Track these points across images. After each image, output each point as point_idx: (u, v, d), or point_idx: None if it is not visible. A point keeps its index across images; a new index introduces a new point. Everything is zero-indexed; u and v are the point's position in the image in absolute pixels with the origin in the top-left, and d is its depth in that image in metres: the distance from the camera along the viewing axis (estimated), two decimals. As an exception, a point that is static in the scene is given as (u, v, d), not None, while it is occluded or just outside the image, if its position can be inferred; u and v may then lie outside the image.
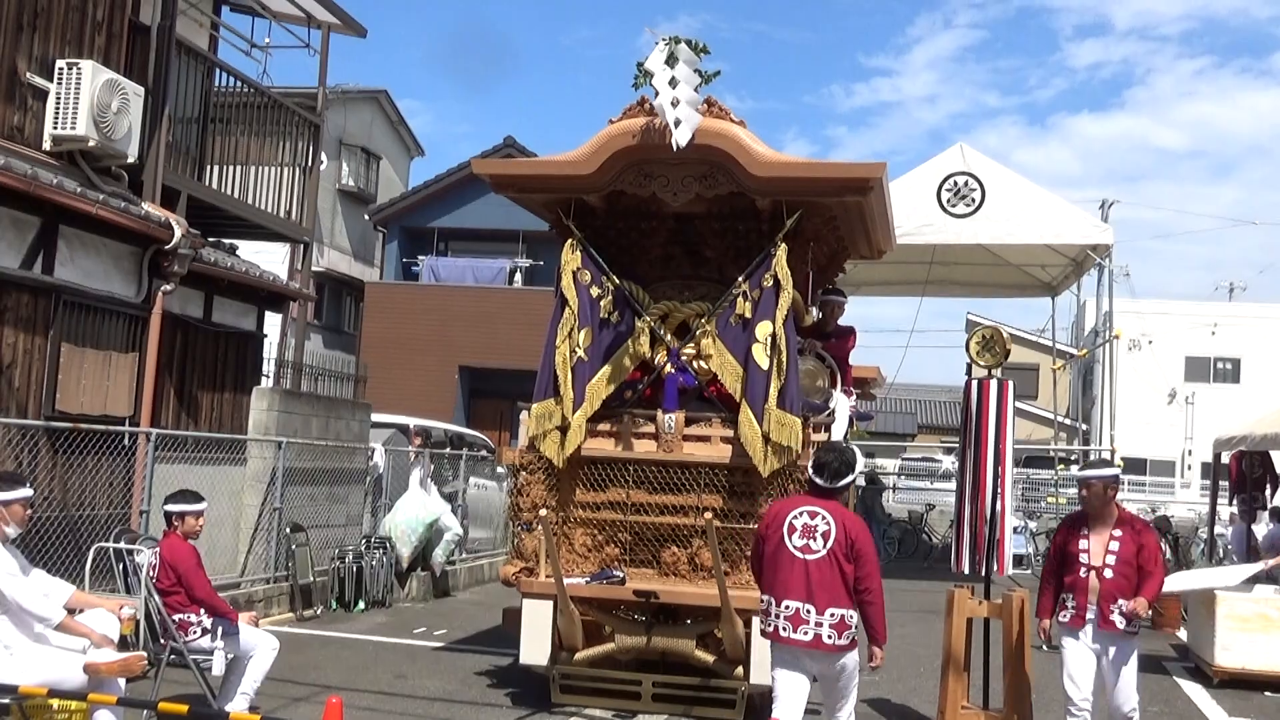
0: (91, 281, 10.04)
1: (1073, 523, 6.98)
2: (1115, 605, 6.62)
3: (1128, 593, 6.62)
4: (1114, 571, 6.65)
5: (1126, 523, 6.84)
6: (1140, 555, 6.71)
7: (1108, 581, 6.64)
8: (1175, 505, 28.62)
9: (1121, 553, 6.68)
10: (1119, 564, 6.66)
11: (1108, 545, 6.71)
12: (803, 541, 5.80)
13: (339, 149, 26.71)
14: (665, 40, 7.57)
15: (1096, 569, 6.68)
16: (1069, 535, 6.90)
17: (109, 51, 10.36)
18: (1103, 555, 6.70)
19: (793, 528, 5.85)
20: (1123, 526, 6.79)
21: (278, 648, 7.21)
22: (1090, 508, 6.86)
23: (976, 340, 7.82)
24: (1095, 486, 6.83)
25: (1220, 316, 39.49)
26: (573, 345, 8.06)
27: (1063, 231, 17.38)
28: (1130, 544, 6.70)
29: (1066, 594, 6.81)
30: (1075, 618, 6.73)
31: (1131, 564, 6.67)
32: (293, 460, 11.85)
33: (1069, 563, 6.81)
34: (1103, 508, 6.83)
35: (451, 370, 25.32)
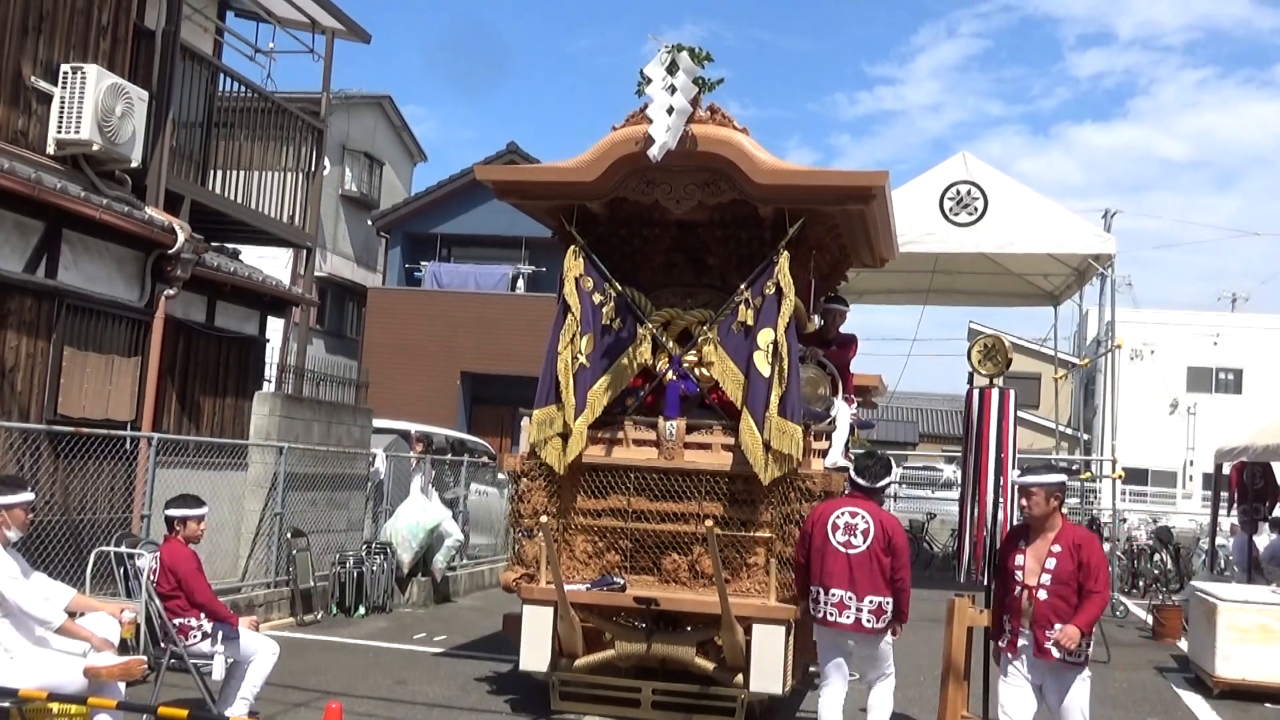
0: (94, 286, 10.05)
1: (1013, 535, 6.40)
2: (1051, 632, 6.00)
3: (1066, 616, 5.99)
4: (1049, 592, 6.02)
5: (1068, 536, 6.15)
6: (1081, 573, 6.03)
7: (1042, 604, 6.02)
8: (1177, 516, 28.57)
9: (1058, 571, 6.02)
10: (1055, 584, 6.02)
11: (1044, 562, 6.07)
12: (845, 538, 6.72)
13: (342, 154, 26.75)
14: (667, 48, 7.58)
15: (1031, 588, 6.07)
16: (1007, 549, 6.33)
17: (113, 56, 10.39)
18: (1038, 573, 6.08)
19: (835, 526, 6.77)
20: (1063, 540, 6.12)
21: (278, 652, 7.22)
22: (1030, 519, 6.25)
23: (978, 349, 7.81)
24: (1036, 495, 6.18)
25: (1223, 327, 39.50)
26: (575, 352, 8.07)
27: (1065, 241, 17.36)
28: (1069, 560, 6.03)
29: (1005, 615, 6.25)
30: (1010, 643, 6.20)
31: (1070, 584, 6.02)
32: (294, 465, 11.86)
33: (1005, 580, 6.24)
34: (1044, 519, 6.20)
35: (453, 376, 25.32)
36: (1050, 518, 6.20)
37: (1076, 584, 6.00)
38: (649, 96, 7.65)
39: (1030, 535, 6.24)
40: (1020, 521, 6.37)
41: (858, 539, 6.68)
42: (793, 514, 7.79)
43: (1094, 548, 6.14)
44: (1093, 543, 6.20)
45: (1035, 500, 6.17)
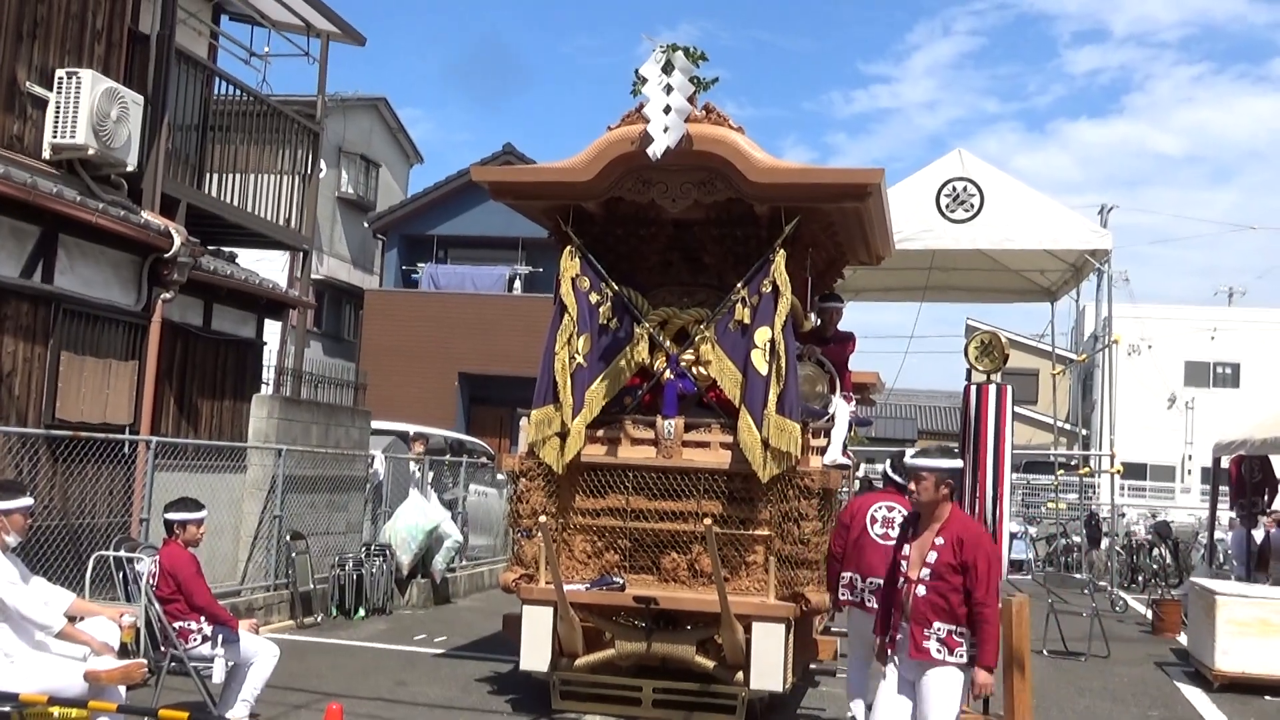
0: (91, 290, 10.05)
1: (905, 523, 5.99)
2: (931, 630, 5.53)
3: (945, 616, 5.53)
4: (927, 588, 5.55)
5: (953, 529, 5.62)
6: (967, 577, 5.52)
7: (920, 600, 5.56)
8: (1175, 510, 28.62)
9: (937, 565, 5.55)
10: (933, 578, 5.55)
11: (925, 555, 5.62)
12: (883, 530, 7.33)
13: (338, 157, 26.76)
14: (662, 48, 7.59)
15: (911, 582, 5.63)
16: (899, 538, 5.95)
17: (108, 60, 10.39)
18: (919, 566, 5.63)
19: (874, 519, 7.44)
20: (947, 533, 5.61)
21: (278, 655, 7.23)
22: (917, 505, 5.76)
23: (975, 345, 7.83)
24: (926, 480, 5.65)
25: (1219, 321, 39.51)
26: (572, 351, 8.07)
27: (1062, 237, 17.36)
28: (949, 554, 5.54)
29: (891, 609, 5.82)
30: (892, 639, 5.77)
31: (949, 580, 5.53)
32: (292, 468, 11.86)
33: (894, 570, 5.82)
34: (933, 507, 5.69)
35: (451, 377, 25.32)
36: (939, 507, 5.67)
37: (958, 583, 5.51)
38: (645, 96, 7.66)
39: (919, 524, 5.76)
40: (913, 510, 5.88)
41: (895, 531, 7.06)
42: (791, 512, 7.80)
43: (981, 546, 5.58)
44: (980, 541, 5.63)
45: (924, 486, 5.63)
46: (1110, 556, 18.43)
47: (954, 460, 5.76)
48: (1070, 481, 22.70)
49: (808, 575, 7.79)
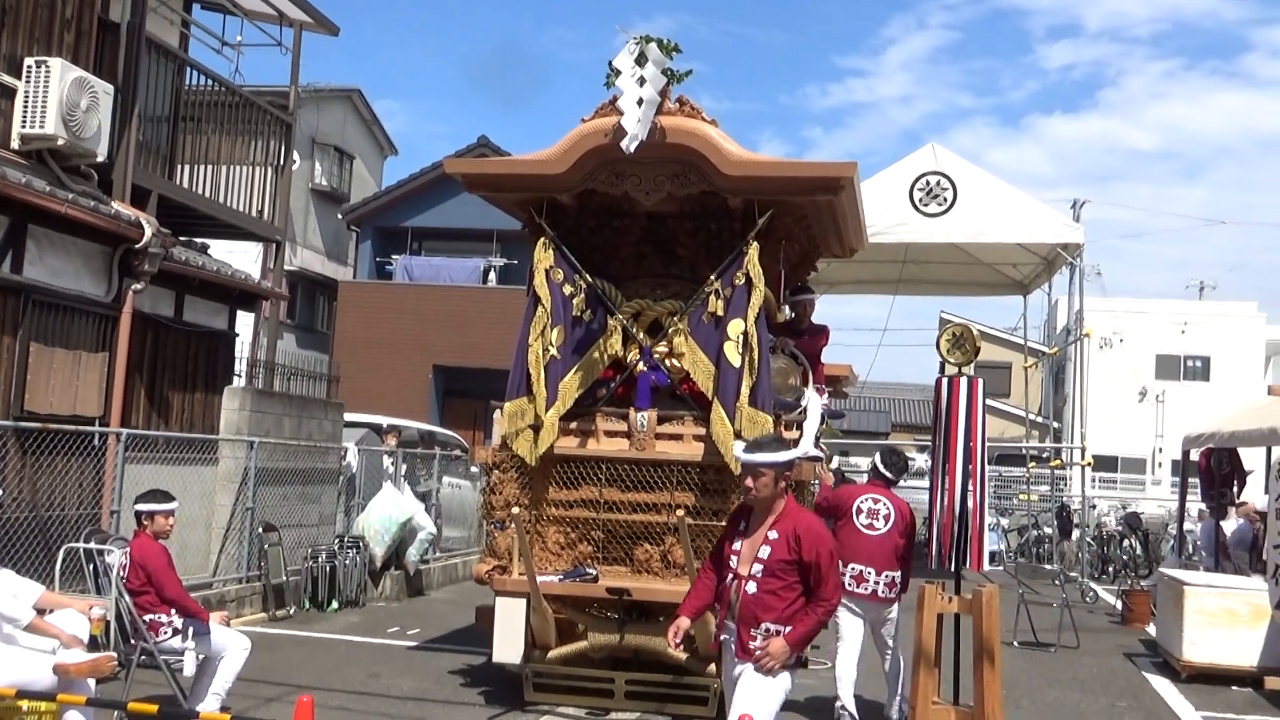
0: (61, 281, 9.97)
1: (735, 517, 5.54)
2: (758, 630, 5.16)
3: (774, 615, 5.14)
4: (758, 585, 5.14)
5: (789, 523, 5.22)
6: (809, 574, 5.15)
7: (749, 598, 5.16)
8: (1146, 502, 28.83)
9: (771, 561, 5.15)
10: (765, 575, 5.14)
11: (758, 550, 5.21)
12: (869, 521, 7.86)
13: (312, 148, 26.62)
14: (636, 40, 7.59)
15: (741, 579, 5.22)
16: (729, 530, 5.49)
17: (78, 49, 10.29)
18: (750, 562, 5.21)
19: (859, 510, 7.92)
20: (782, 527, 5.20)
21: (250, 648, 7.19)
22: (754, 501, 5.31)
23: (947, 338, 7.85)
24: (765, 476, 5.23)
25: (1190, 315, 39.84)
26: (545, 344, 8.07)
27: (1034, 230, 17.49)
28: (784, 550, 5.14)
29: (719, 605, 5.43)
30: (716, 639, 5.53)
31: (783, 578, 5.14)
32: (265, 460, 11.81)
33: (723, 566, 5.39)
34: (770, 502, 5.28)
35: (425, 369, 25.26)
36: (775, 501, 5.26)
37: (792, 580, 5.13)
38: (618, 88, 7.66)
39: (752, 519, 5.34)
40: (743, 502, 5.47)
41: (880, 523, 7.87)
42: (764, 504, 7.81)
43: (823, 541, 5.22)
44: (822, 536, 5.26)
45: (763, 481, 5.20)
46: (1081, 548, 18.56)
47: (790, 452, 5.38)
48: (1042, 474, 22.84)
49: (780, 567, 7.81)
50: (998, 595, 7.51)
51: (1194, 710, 9.21)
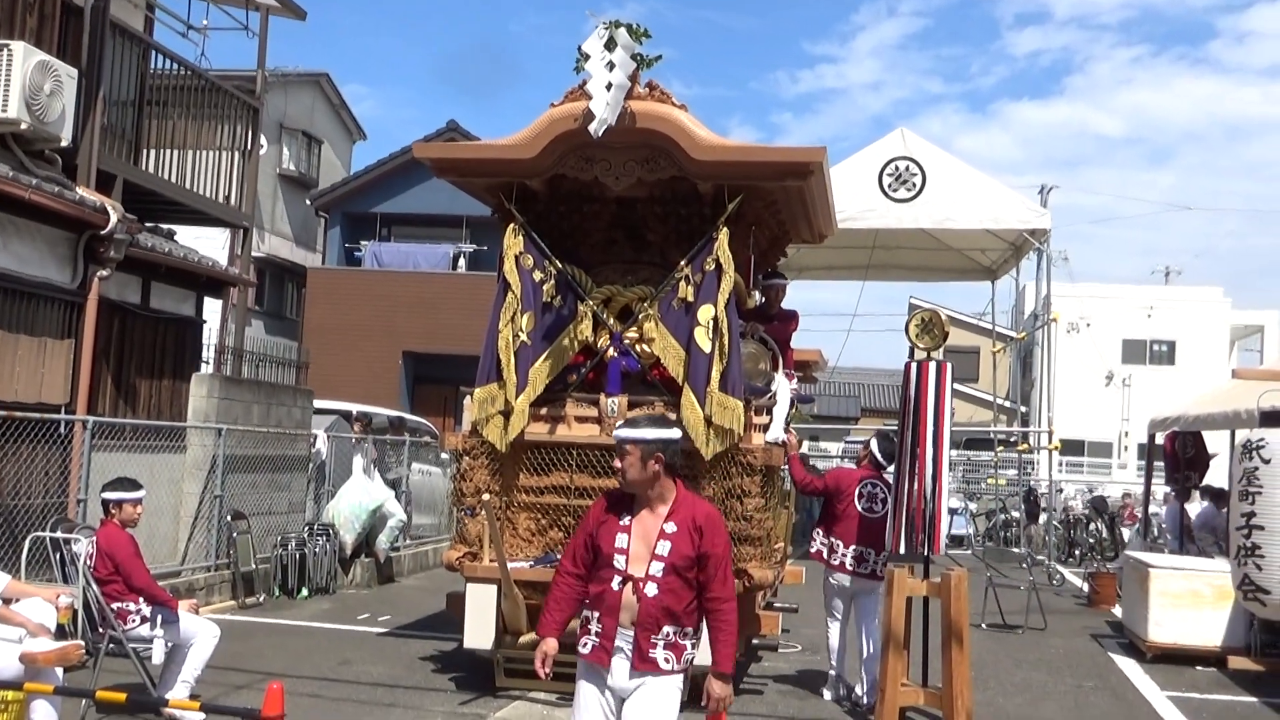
0: (25, 267, 9.87)
1: (611, 505, 4.66)
2: (659, 636, 4.47)
3: (672, 618, 4.48)
4: (660, 586, 4.45)
5: (686, 512, 4.54)
6: (703, 571, 4.49)
7: (650, 601, 4.44)
8: (1112, 486, 29.10)
9: (674, 557, 4.46)
10: (668, 574, 4.46)
11: (654, 546, 4.50)
12: (868, 505, 8.26)
13: (279, 133, 26.42)
14: (606, 24, 7.57)
15: (636, 580, 4.47)
16: (602, 523, 4.62)
17: (41, 33, 10.18)
18: (646, 560, 4.48)
19: (861, 494, 8.32)
20: (679, 517, 4.52)
21: (219, 635, 7.17)
22: (624, 485, 4.60)
23: (916, 323, 7.89)
24: (631, 454, 4.53)
25: (1156, 300, 40.19)
26: (515, 329, 8.06)
27: (1002, 216, 17.57)
28: (687, 544, 4.47)
29: (591, 611, 4.57)
30: (598, 649, 4.51)
31: (685, 578, 4.48)
32: (233, 447, 11.75)
33: (599, 564, 4.57)
34: (646, 486, 4.55)
35: (395, 356, 25.16)
36: (656, 484, 4.55)
37: (692, 576, 4.49)
38: (588, 73, 7.65)
39: (635, 508, 4.59)
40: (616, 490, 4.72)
41: (878, 506, 8.23)
42: (734, 489, 7.85)
43: (720, 531, 4.58)
44: (719, 524, 4.62)
45: (629, 461, 4.52)
46: (1048, 531, 18.73)
47: (668, 430, 4.61)
48: (1009, 458, 23.00)
49: (750, 551, 7.85)
50: (966, 578, 7.57)
51: (1159, 690, 9.32)
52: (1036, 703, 8.68)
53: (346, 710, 7.48)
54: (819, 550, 8.46)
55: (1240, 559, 9.61)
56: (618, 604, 4.49)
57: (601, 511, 4.66)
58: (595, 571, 4.58)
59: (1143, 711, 8.62)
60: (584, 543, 4.64)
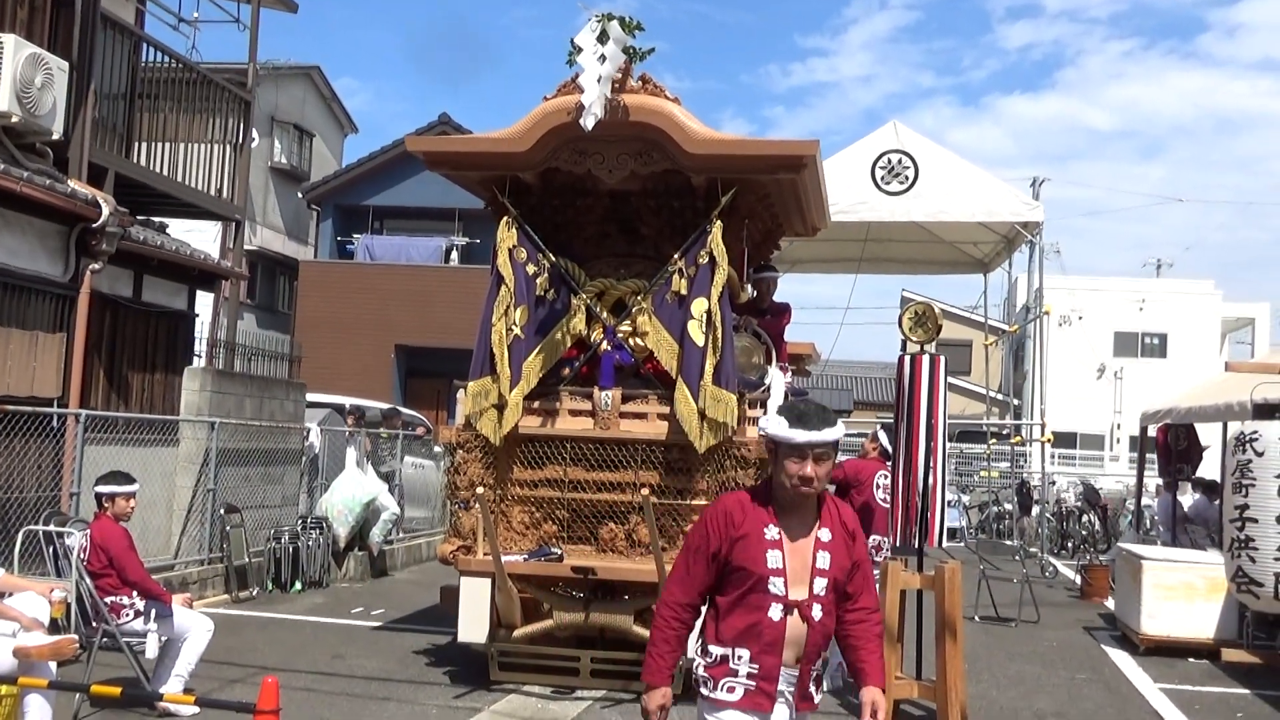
0: (16, 260, 9.85)
1: (741, 514, 3.72)
2: (815, 667, 3.80)
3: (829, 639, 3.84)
4: (823, 608, 3.73)
5: (836, 515, 3.80)
6: (855, 577, 3.83)
7: (817, 627, 3.72)
8: (1104, 478, 29.14)
9: (834, 570, 3.75)
10: (828, 591, 3.74)
11: (814, 560, 3.71)
12: (883, 495, 8.48)
13: (271, 126, 26.35)
14: (598, 17, 7.55)
15: (801, 605, 3.68)
16: (737, 539, 3.70)
17: (31, 25, 10.14)
18: (807, 579, 3.70)
19: (877, 485, 8.61)
20: (831, 522, 3.77)
21: (213, 629, 7.17)
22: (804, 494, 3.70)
23: (909, 316, 7.89)
24: (829, 459, 3.71)
25: (1148, 293, 40.26)
26: (509, 323, 8.05)
27: (994, 209, 17.56)
28: (844, 555, 3.77)
29: (735, 649, 3.71)
30: (756, 694, 3.70)
31: (842, 589, 3.80)
32: (226, 441, 11.73)
33: (742, 589, 3.70)
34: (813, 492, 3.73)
35: (388, 349, 25.14)
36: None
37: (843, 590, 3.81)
38: (580, 66, 7.62)
39: (780, 516, 3.74)
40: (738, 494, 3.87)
41: (888, 496, 8.24)
42: (728, 482, 7.85)
43: (861, 533, 3.90)
44: (859, 526, 3.92)
45: (827, 465, 3.71)
46: (1041, 523, 18.75)
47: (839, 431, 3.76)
48: (1002, 450, 23.02)
49: (744, 544, 7.84)
50: (959, 571, 7.58)
51: (1152, 682, 9.34)
52: (1030, 695, 8.69)
53: (341, 704, 7.47)
54: None
55: (1233, 551, 9.65)
56: (780, 637, 3.69)
57: (729, 524, 3.72)
58: (738, 598, 3.70)
59: (1135, 704, 8.64)
60: (706, 565, 3.75)
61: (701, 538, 3.78)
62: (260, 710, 4.27)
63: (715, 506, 3.84)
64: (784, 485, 3.69)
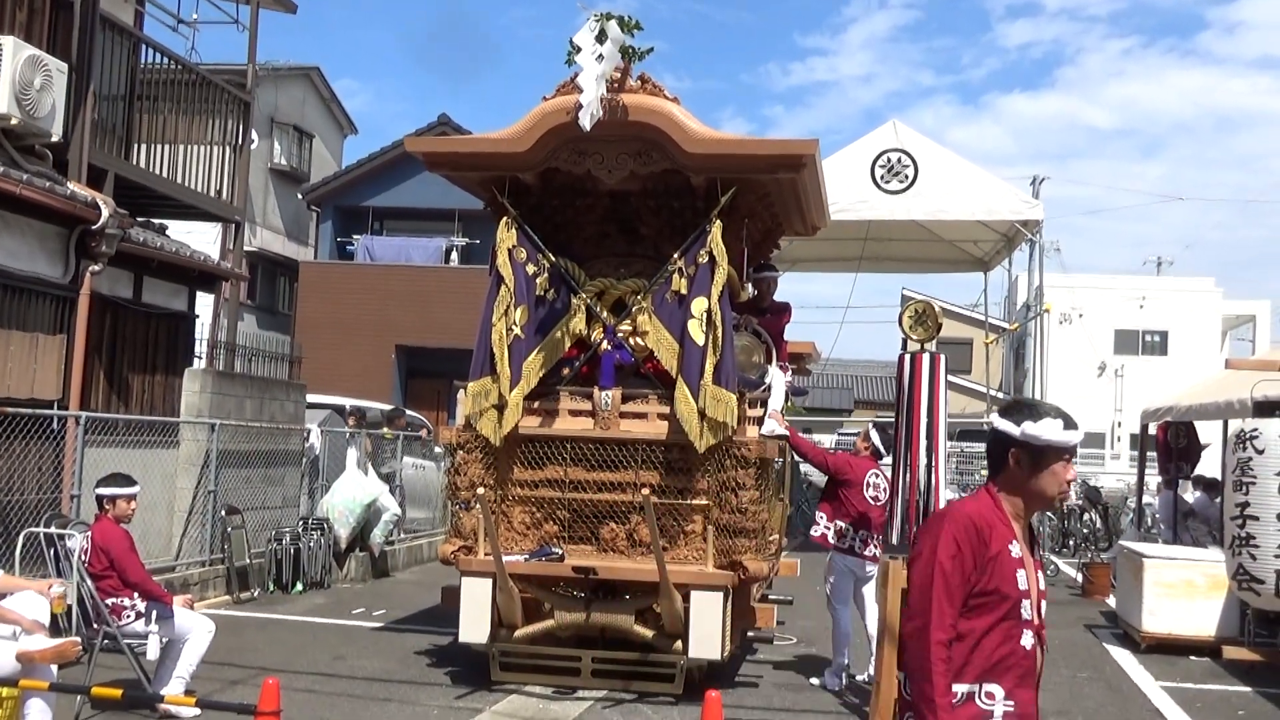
0: (16, 262, 9.84)
1: (986, 530, 3.29)
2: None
3: None
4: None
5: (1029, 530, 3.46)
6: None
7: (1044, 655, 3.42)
8: (1105, 476, 29.11)
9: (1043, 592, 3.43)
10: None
11: (1037, 578, 3.38)
12: (874, 494, 8.48)
13: (270, 127, 26.35)
14: (597, 17, 7.55)
15: (1038, 628, 3.34)
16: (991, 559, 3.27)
17: (30, 27, 10.13)
18: (1036, 600, 3.35)
19: (869, 484, 8.52)
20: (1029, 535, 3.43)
21: (214, 630, 7.17)
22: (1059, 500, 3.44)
23: (909, 315, 7.88)
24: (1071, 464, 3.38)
25: (1148, 290, 40.19)
26: (509, 323, 8.05)
27: (994, 207, 17.57)
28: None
29: (984, 684, 3.25)
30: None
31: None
32: (227, 442, 11.73)
33: (998, 616, 3.27)
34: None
35: (388, 350, 25.14)
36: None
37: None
38: (579, 66, 7.62)
39: (1017, 529, 3.37)
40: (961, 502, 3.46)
41: (881, 495, 8.46)
42: (729, 481, 7.85)
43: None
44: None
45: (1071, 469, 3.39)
46: (1042, 521, 18.73)
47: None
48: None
49: (745, 544, 7.85)
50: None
51: (1153, 680, 9.33)
52: (1031, 693, 8.68)
53: (342, 705, 7.47)
54: (823, 534, 8.57)
55: (1234, 549, 9.65)
56: (1033, 668, 3.32)
57: (981, 541, 3.28)
58: (988, 626, 3.26)
59: (1137, 702, 8.64)
60: (964, 593, 3.25)
61: (955, 561, 3.25)
62: (261, 711, 4.27)
63: (954, 524, 3.30)
64: (1044, 494, 3.35)
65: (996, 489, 3.39)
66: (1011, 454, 3.35)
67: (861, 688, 8.24)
